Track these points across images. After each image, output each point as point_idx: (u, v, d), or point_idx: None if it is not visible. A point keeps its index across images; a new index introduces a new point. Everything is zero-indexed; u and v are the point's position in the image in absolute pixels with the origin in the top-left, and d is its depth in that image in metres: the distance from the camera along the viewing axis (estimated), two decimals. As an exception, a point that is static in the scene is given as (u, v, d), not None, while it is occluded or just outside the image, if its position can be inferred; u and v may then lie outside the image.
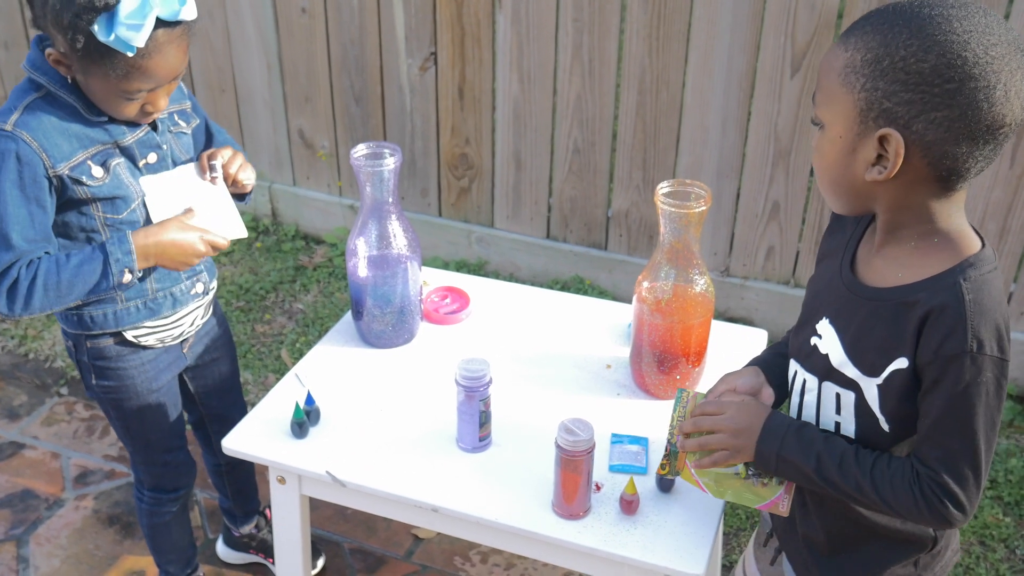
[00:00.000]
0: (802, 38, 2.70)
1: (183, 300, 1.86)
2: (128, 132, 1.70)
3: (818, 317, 1.35)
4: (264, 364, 3.06)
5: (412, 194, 3.49)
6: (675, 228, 1.64)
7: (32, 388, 3.04)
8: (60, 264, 1.63)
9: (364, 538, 2.49)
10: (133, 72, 1.57)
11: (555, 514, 1.52)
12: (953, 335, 1.17)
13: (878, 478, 1.25)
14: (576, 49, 2.97)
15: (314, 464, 1.64)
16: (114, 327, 1.80)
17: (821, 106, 1.23)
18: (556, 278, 3.34)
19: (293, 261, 3.57)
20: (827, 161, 1.24)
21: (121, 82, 1.58)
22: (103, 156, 1.67)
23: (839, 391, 1.31)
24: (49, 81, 1.62)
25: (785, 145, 2.86)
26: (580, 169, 3.17)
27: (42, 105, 1.62)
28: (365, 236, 1.83)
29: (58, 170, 1.61)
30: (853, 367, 1.28)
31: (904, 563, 1.37)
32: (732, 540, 2.45)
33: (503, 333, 1.96)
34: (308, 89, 3.47)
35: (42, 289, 1.62)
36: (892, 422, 1.27)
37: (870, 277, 1.29)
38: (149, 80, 1.60)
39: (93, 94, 1.63)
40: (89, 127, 1.65)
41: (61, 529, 2.53)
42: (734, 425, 1.37)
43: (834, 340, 1.31)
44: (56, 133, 1.61)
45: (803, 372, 1.37)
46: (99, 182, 1.66)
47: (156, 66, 1.58)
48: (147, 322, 1.83)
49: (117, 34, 1.50)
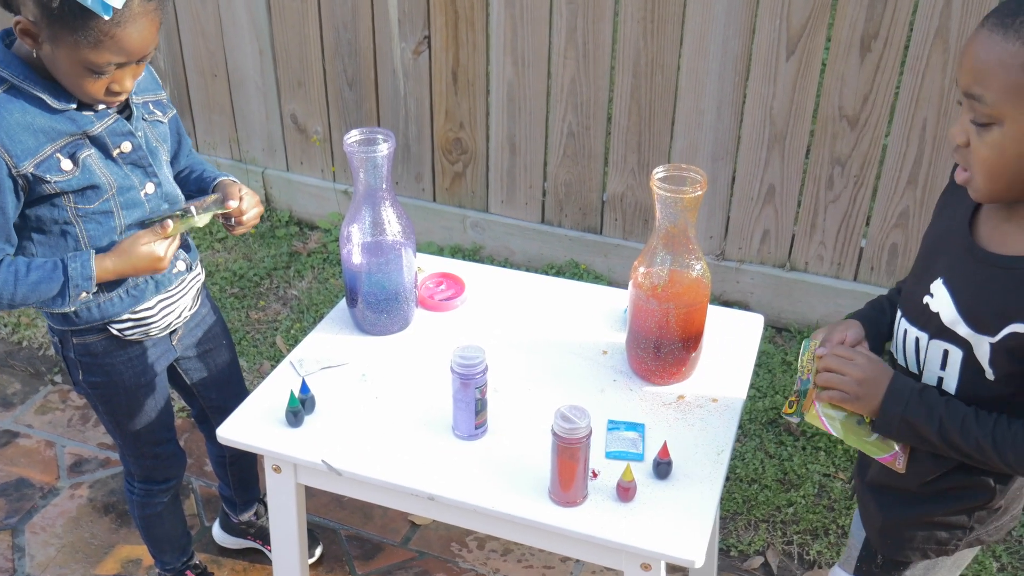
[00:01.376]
0: (797, 21, 2.69)
1: (166, 281, 1.83)
2: (96, 120, 1.65)
3: (932, 277, 1.39)
4: (259, 351, 3.05)
5: (406, 179, 3.47)
6: (671, 213, 1.63)
7: (26, 376, 3.02)
8: (19, 278, 1.63)
9: (360, 525, 2.49)
10: (104, 41, 1.52)
11: (552, 501, 1.52)
12: None
13: (999, 438, 1.31)
14: (570, 32, 2.95)
15: (309, 453, 1.63)
16: (99, 319, 1.77)
17: (997, 104, 1.22)
18: (551, 263, 3.33)
19: (287, 247, 3.56)
20: (1009, 156, 1.25)
21: (91, 52, 1.53)
22: (72, 147, 1.63)
23: (948, 347, 1.36)
24: (11, 74, 1.58)
25: (780, 128, 2.85)
26: (575, 153, 3.15)
27: (4, 101, 1.57)
28: (359, 223, 1.82)
29: (22, 169, 1.58)
30: (965, 326, 1.33)
31: (959, 512, 1.45)
32: (729, 524, 2.45)
33: (499, 319, 1.95)
34: (301, 74, 3.44)
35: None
36: (998, 373, 1.32)
37: (995, 243, 1.33)
38: (119, 52, 1.55)
39: (58, 69, 1.57)
40: (55, 118, 1.60)
41: (56, 518, 2.52)
42: (861, 373, 1.41)
43: (947, 300, 1.35)
44: (20, 130, 1.57)
45: (913, 329, 1.42)
46: (67, 176, 1.62)
47: (128, 37, 1.54)
48: (131, 311, 1.80)
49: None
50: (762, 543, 2.40)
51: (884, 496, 1.53)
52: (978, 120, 1.25)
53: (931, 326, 1.39)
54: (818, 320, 3.05)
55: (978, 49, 1.23)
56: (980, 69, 1.23)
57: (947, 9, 2.53)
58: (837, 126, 2.79)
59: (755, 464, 2.58)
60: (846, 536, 2.41)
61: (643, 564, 1.49)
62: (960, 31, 2.53)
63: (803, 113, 2.81)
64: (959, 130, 1.29)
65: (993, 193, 1.30)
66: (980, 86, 1.23)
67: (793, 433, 2.67)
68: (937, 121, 2.67)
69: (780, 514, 2.47)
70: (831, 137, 2.81)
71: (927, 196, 2.78)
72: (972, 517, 1.46)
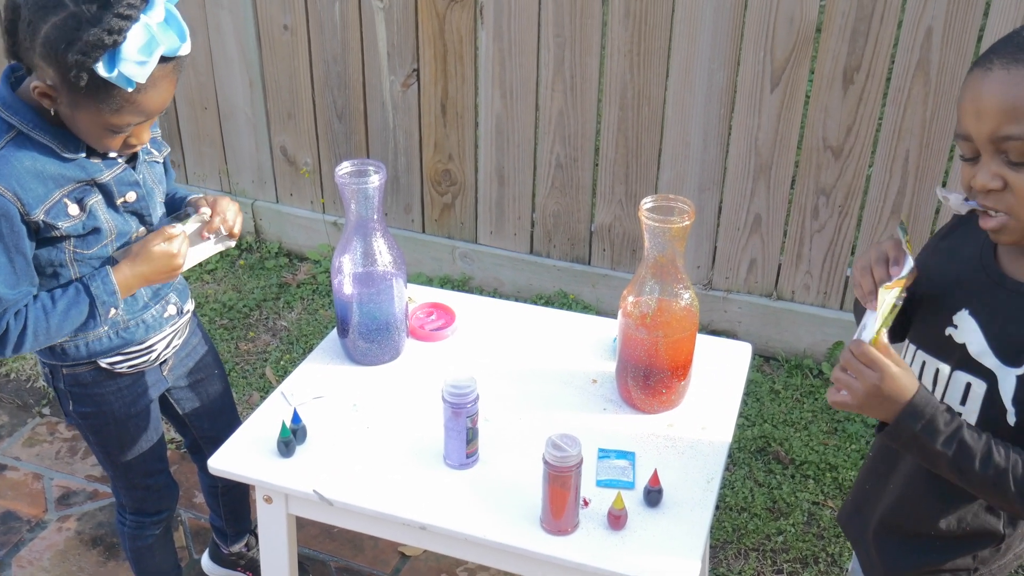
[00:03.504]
0: (780, 54, 2.73)
1: (156, 325, 1.84)
2: (105, 169, 1.67)
3: (953, 309, 1.37)
4: (248, 382, 3.04)
5: (395, 210, 3.49)
6: (659, 243, 1.65)
7: (13, 408, 3.01)
8: (48, 311, 1.64)
9: (351, 556, 2.48)
10: (127, 107, 1.55)
11: (543, 530, 1.52)
12: None
13: (1019, 472, 1.26)
14: (558, 65, 2.99)
15: (301, 483, 1.64)
16: (86, 357, 1.78)
17: None
18: (540, 293, 3.35)
19: (276, 278, 3.56)
20: None
21: (112, 116, 1.56)
22: (80, 193, 1.64)
23: (971, 380, 1.34)
24: (20, 121, 1.58)
25: (766, 159, 2.88)
26: (563, 184, 3.18)
27: (14, 149, 1.57)
28: (350, 253, 1.83)
29: (34, 216, 1.58)
30: (993, 357, 1.31)
31: (965, 555, 1.44)
32: (719, 553, 2.45)
33: (489, 349, 1.97)
34: (291, 106, 3.47)
35: (32, 336, 1.63)
36: (1021, 415, 1.29)
37: (1021, 274, 1.33)
38: (141, 114, 1.59)
39: (78, 128, 1.60)
40: (65, 165, 1.61)
41: (44, 551, 2.51)
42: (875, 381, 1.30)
43: (974, 330, 1.34)
44: (30, 177, 1.57)
45: (934, 360, 1.40)
46: (74, 221, 1.63)
47: (150, 100, 1.57)
48: (121, 350, 1.81)
49: (121, 70, 1.49)
50: (752, 572, 2.41)
51: (888, 544, 1.52)
52: (1019, 159, 1.21)
53: (954, 357, 1.36)
54: (805, 348, 3.07)
55: (1000, 90, 1.20)
56: (1011, 107, 1.19)
57: (927, 42, 2.57)
58: (822, 157, 2.83)
59: (744, 492, 2.59)
60: (835, 565, 2.41)
61: (634, 592, 1.49)
62: (941, 64, 2.58)
63: (788, 144, 2.85)
64: (991, 175, 1.23)
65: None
66: (1016, 123, 1.19)
67: (782, 462, 2.68)
68: (919, 153, 2.71)
69: (770, 543, 2.47)
70: (816, 168, 2.85)
71: (911, 227, 2.81)
72: (976, 558, 1.45)
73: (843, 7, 2.61)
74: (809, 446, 2.72)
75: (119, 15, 1.46)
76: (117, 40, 1.47)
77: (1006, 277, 1.34)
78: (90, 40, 1.46)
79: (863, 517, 1.58)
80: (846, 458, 2.68)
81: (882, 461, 1.55)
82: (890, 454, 1.52)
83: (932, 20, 2.55)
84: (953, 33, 2.54)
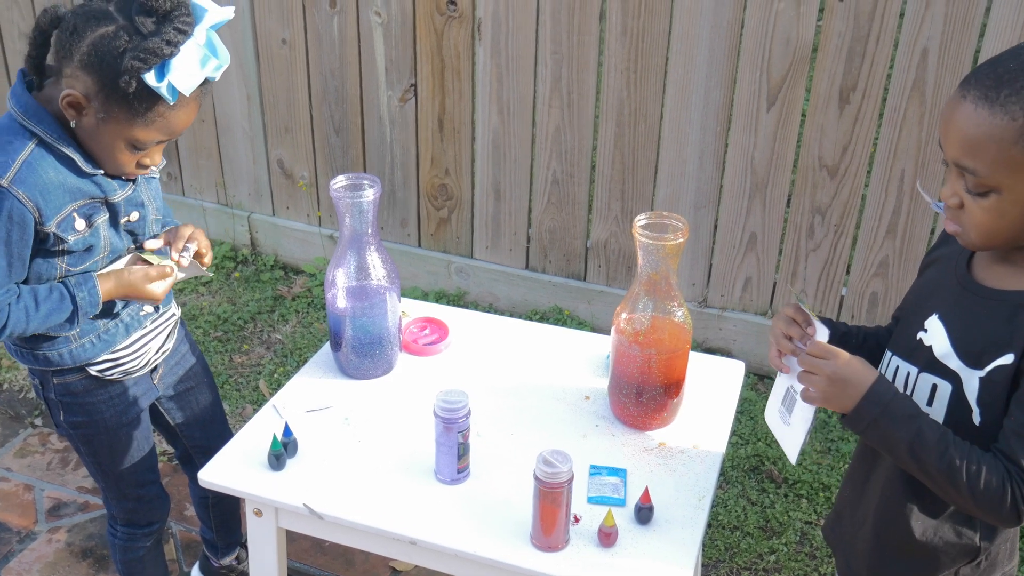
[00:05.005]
0: (777, 73, 2.74)
1: (134, 324, 1.83)
2: (119, 189, 1.69)
3: (927, 314, 1.41)
4: (242, 395, 3.04)
5: (392, 224, 3.49)
6: (653, 260, 1.66)
7: (5, 419, 3.00)
8: (29, 313, 1.64)
9: (342, 571, 2.47)
10: (158, 121, 1.58)
11: (533, 546, 1.52)
12: None
13: (972, 468, 1.29)
14: (555, 82, 3.00)
15: (291, 496, 1.63)
16: (72, 364, 1.78)
17: (993, 175, 1.24)
18: (535, 308, 3.35)
19: (271, 291, 3.56)
20: (1009, 219, 1.27)
21: (140, 131, 1.59)
22: (89, 209, 1.65)
23: (936, 382, 1.38)
24: (44, 131, 1.59)
25: (761, 177, 2.89)
26: (559, 200, 3.18)
27: (39, 158, 1.59)
28: (344, 267, 1.83)
29: (47, 227, 1.60)
30: (957, 359, 1.34)
31: (946, 570, 1.45)
32: (711, 572, 2.45)
33: (482, 365, 1.96)
34: (288, 119, 3.47)
35: (8, 332, 1.64)
36: (986, 415, 1.32)
37: (990, 280, 1.36)
38: (166, 132, 1.62)
39: (96, 140, 1.61)
40: (82, 180, 1.63)
41: (33, 563, 2.49)
42: (833, 371, 1.37)
43: (941, 334, 1.38)
44: (52, 188, 1.59)
45: (905, 364, 1.43)
46: (78, 235, 1.64)
47: (178, 119, 1.60)
48: (105, 354, 1.80)
49: (170, 80, 1.52)
50: (744, 591, 2.40)
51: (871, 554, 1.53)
52: (973, 190, 1.28)
53: (922, 360, 1.40)
54: (800, 367, 3.07)
55: (965, 124, 1.25)
56: (970, 144, 1.25)
57: (923, 63, 2.59)
58: (817, 176, 2.83)
59: (737, 511, 2.59)
60: (828, 584, 2.41)
61: (624, 610, 1.49)
62: (936, 84, 2.59)
63: (784, 163, 2.86)
64: (951, 192, 1.31)
65: (987, 246, 1.34)
66: (972, 160, 1.25)
67: (775, 481, 2.68)
68: (915, 172, 2.72)
69: (762, 562, 2.46)
70: (811, 187, 2.85)
71: (906, 246, 2.82)
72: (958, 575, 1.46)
73: (839, 27, 2.62)
74: (802, 465, 2.72)
75: (177, 29, 1.51)
76: (174, 52, 1.51)
77: (974, 282, 1.38)
78: (150, 47, 1.49)
79: (843, 525, 1.60)
80: (839, 477, 2.67)
81: (860, 468, 1.57)
82: (867, 461, 1.54)
83: (928, 41, 2.56)
84: (949, 54, 2.55)
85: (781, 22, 2.68)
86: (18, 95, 1.60)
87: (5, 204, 1.55)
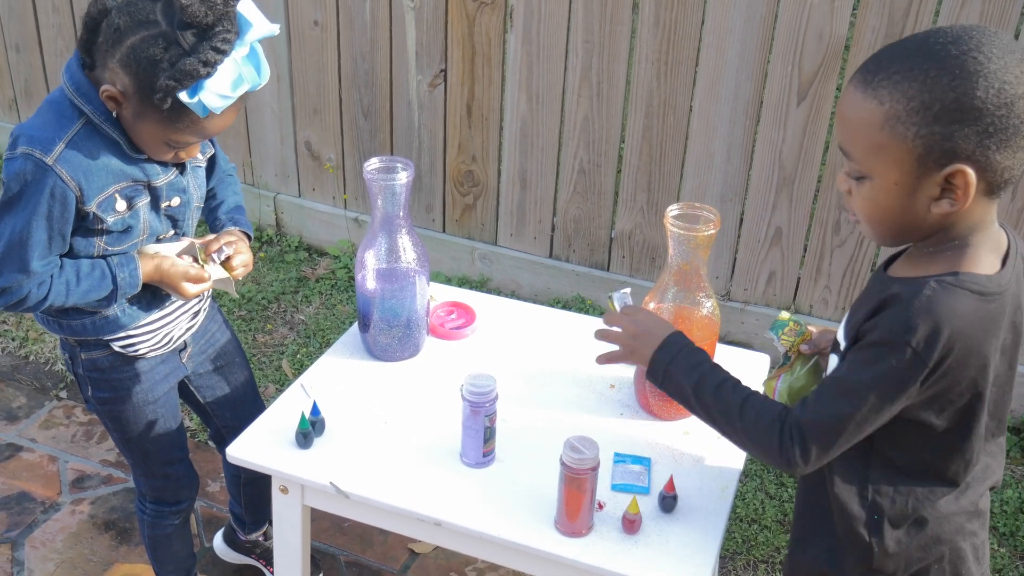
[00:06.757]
0: (809, 67, 2.73)
1: (157, 301, 1.83)
2: (162, 173, 1.70)
3: None
4: (264, 374, 3.06)
5: (417, 209, 3.50)
6: (683, 250, 1.66)
7: (31, 391, 3.04)
8: (70, 289, 1.66)
9: (360, 551, 2.49)
10: (191, 127, 1.59)
11: (557, 531, 1.53)
12: (892, 318, 1.24)
13: (748, 409, 1.39)
14: (585, 71, 3.00)
15: (317, 474, 1.65)
16: (93, 335, 1.79)
17: (864, 160, 1.25)
18: (558, 297, 3.36)
19: (296, 272, 3.58)
20: (882, 208, 1.27)
21: (174, 134, 1.60)
22: (131, 191, 1.67)
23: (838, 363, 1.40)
24: (93, 111, 1.60)
25: (789, 173, 2.88)
26: (585, 189, 3.19)
27: (85, 138, 1.60)
28: (375, 249, 1.85)
29: (88, 207, 1.62)
30: (843, 340, 1.37)
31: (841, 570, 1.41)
32: (728, 564, 2.45)
33: (508, 350, 1.98)
34: (317, 101, 3.49)
35: (48, 305, 1.66)
36: None
37: (893, 269, 1.37)
38: (201, 135, 1.63)
39: (137, 133, 1.62)
40: (127, 163, 1.65)
41: (57, 533, 2.53)
42: (635, 328, 1.56)
43: (843, 321, 1.40)
44: (95, 168, 1.61)
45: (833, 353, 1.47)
46: (118, 216, 1.66)
47: (213, 125, 1.61)
48: (128, 330, 1.81)
49: (202, 99, 1.52)
50: (760, 584, 2.41)
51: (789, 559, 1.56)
52: (851, 174, 1.29)
53: (833, 343, 1.45)
54: (821, 364, 3.06)
55: (844, 106, 1.27)
56: (846, 127, 1.27)
57: (957, 62, 2.57)
58: (845, 172, 2.82)
59: (755, 504, 2.59)
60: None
61: (646, 597, 1.50)
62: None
63: (812, 158, 2.85)
64: (842, 179, 1.32)
65: (881, 238, 1.33)
66: (847, 144, 1.27)
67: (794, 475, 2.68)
68: (944, 171, 2.71)
69: (779, 555, 2.47)
70: (839, 183, 2.84)
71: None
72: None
73: (873, 23, 2.61)
74: (822, 461, 2.72)
75: (215, 48, 1.50)
76: (210, 72, 1.51)
77: (882, 271, 1.38)
78: (185, 69, 1.49)
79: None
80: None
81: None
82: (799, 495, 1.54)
83: (962, 40, 2.54)
84: (983, 53, 2.54)
85: (815, 16, 2.67)
86: (72, 71, 1.61)
87: (48, 181, 1.57)
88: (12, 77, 4.05)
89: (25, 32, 3.89)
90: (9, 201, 1.60)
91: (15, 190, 1.58)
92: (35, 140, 1.57)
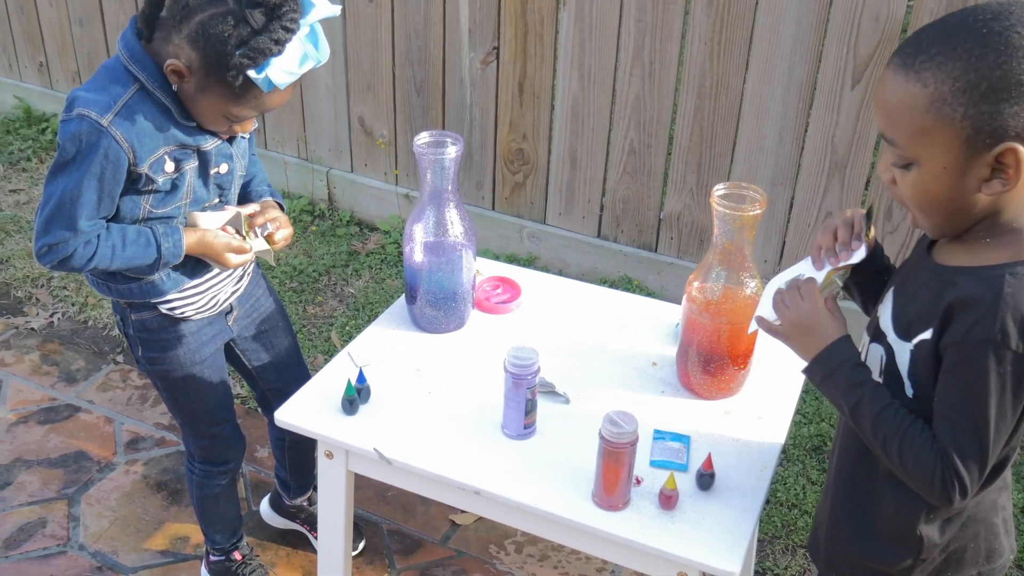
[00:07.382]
0: (864, 50, 2.70)
1: (201, 266, 1.87)
2: (211, 139, 1.76)
3: (888, 290, 1.41)
4: (314, 345, 3.12)
5: (467, 186, 3.53)
6: (728, 230, 1.66)
7: (89, 354, 3.13)
8: (116, 252, 1.72)
9: (403, 520, 2.54)
10: (252, 102, 1.66)
11: (595, 504, 1.55)
12: (982, 323, 1.20)
13: (907, 443, 1.29)
14: (637, 50, 2.99)
15: (362, 441, 1.69)
16: (140, 298, 1.85)
17: (910, 146, 1.22)
18: (604, 277, 3.36)
19: (347, 246, 3.63)
20: (932, 194, 1.25)
21: (235, 108, 1.67)
22: (180, 154, 1.72)
23: (882, 352, 1.38)
24: (147, 78, 1.65)
25: (842, 157, 2.86)
26: (635, 170, 3.19)
27: (138, 102, 1.65)
28: (423, 222, 1.87)
29: (140, 168, 1.67)
30: (892, 331, 1.34)
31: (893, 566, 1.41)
32: (767, 547, 2.46)
33: (552, 325, 2.00)
34: (371, 78, 3.52)
35: (93, 265, 1.72)
36: (916, 388, 1.32)
37: (940, 256, 1.34)
38: (261, 109, 1.70)
39: (196, 106, 1.68)
40: (178, 128, 1.70)
41: (111, 491, 2.61)
42: (798, 318, 1.44)
43: (887, 306, 1.38)
44: (148, 133, 1.66)
45: (864, 336, 1.45)
46: (166, 176, 1.71)
47: (273, 101, 1.67)
48: (173, 292, 1.85)
49: (268, 74, 1.59)
50: (798, 569, 2.41)
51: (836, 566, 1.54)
52: (896, 162, 1.26)
53: (872, 330, 1.42)
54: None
55: (884, 92, 1.23)
56: (888, 113, 1.23)
57: (1018, 47, 2.52)
58: (899, 157, 2.79)
59: (796, 489, 2.59)
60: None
61: (680, 573, 1.51)
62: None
63: (865, 143, 2.82)
64: (884, 168, 1.29)
65: (936, 227, 1.30)
66: (891, 130, 1.24)
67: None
68: (1001, 158, 2.66)
69: (819, 540, 2.47)
70: (892, 168, 2.81)
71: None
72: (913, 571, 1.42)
73: (931, 6, 2.57)
74: (866, 447, 2.70)
75: (285, 27, 1.57)
76: (281, 50, 1.57)
77: (928, 257, 1.36)
78: (258, 47, 1.56)
79: (815, 536, 1.59)
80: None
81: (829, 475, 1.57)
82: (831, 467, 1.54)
83: None
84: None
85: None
86: (127, 40, 1.67)
87: (103, 142, 1.63)
88: (76, 50, 4.15)
89: (88, 7, 3.98)
90: (64, 163, 1.65)
91: (71, 151, 1.64)
92: (91, 103, 1.63)
